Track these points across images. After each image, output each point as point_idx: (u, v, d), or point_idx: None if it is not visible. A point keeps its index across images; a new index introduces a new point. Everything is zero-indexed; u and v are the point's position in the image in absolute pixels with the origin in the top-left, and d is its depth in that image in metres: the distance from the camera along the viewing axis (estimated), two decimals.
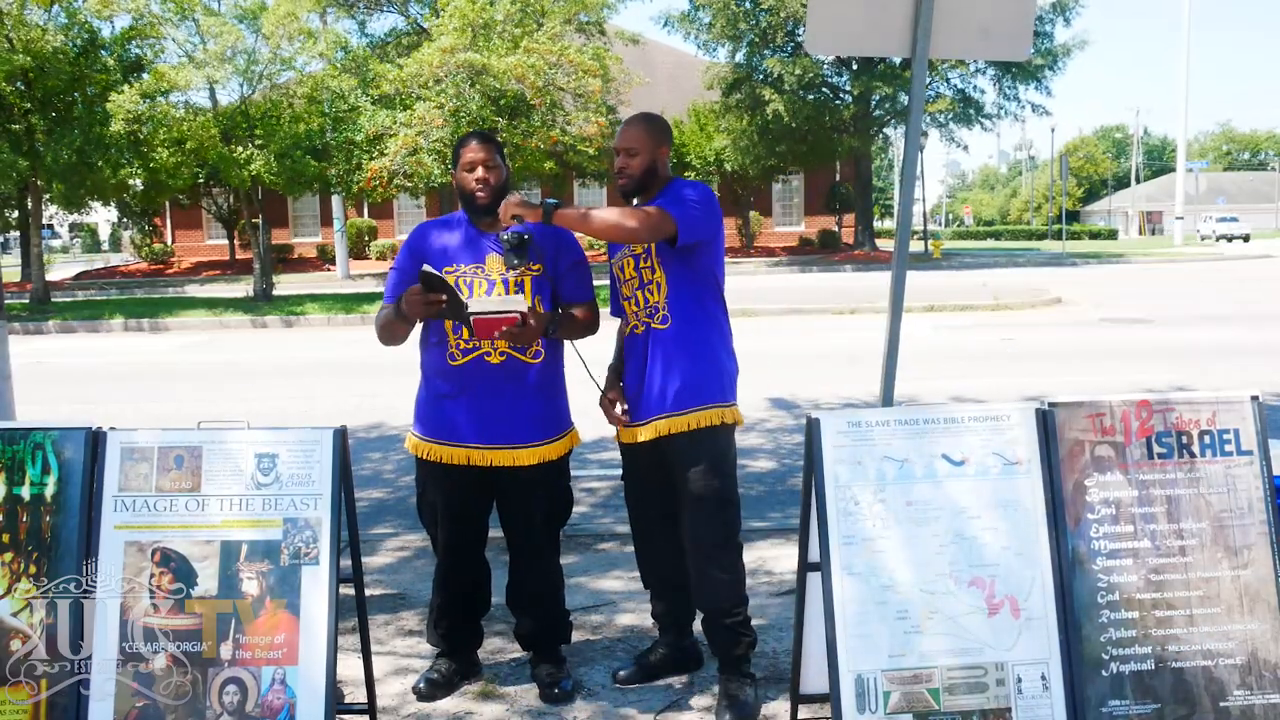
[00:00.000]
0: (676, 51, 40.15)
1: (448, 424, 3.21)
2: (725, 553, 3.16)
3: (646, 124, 3.21)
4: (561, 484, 3.35)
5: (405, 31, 26.65)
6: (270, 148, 17.94)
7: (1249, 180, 76.41)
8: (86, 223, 46.79)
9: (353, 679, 3.37)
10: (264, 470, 2.80)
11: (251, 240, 20.41)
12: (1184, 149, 43.88)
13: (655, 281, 3.13)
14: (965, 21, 3.56)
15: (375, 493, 6.02)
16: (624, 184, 3.18)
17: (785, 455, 6.70)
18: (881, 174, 69.38)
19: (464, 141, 3.23)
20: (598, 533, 5.09)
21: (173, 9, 18.46)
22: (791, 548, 4.58)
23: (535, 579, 3.39)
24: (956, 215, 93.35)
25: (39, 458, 2.79)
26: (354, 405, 8.61)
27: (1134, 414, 2.81)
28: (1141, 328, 13.48)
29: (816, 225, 37.18)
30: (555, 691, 3.29)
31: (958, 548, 2.74)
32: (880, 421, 2.81)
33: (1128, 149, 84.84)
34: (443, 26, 19.18)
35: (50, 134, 18.41)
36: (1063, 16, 31.68)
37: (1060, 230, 40.09)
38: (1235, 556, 2.76)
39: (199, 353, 13.71)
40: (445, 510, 3.29)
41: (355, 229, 33.51)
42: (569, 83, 19.57)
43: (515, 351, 3.16)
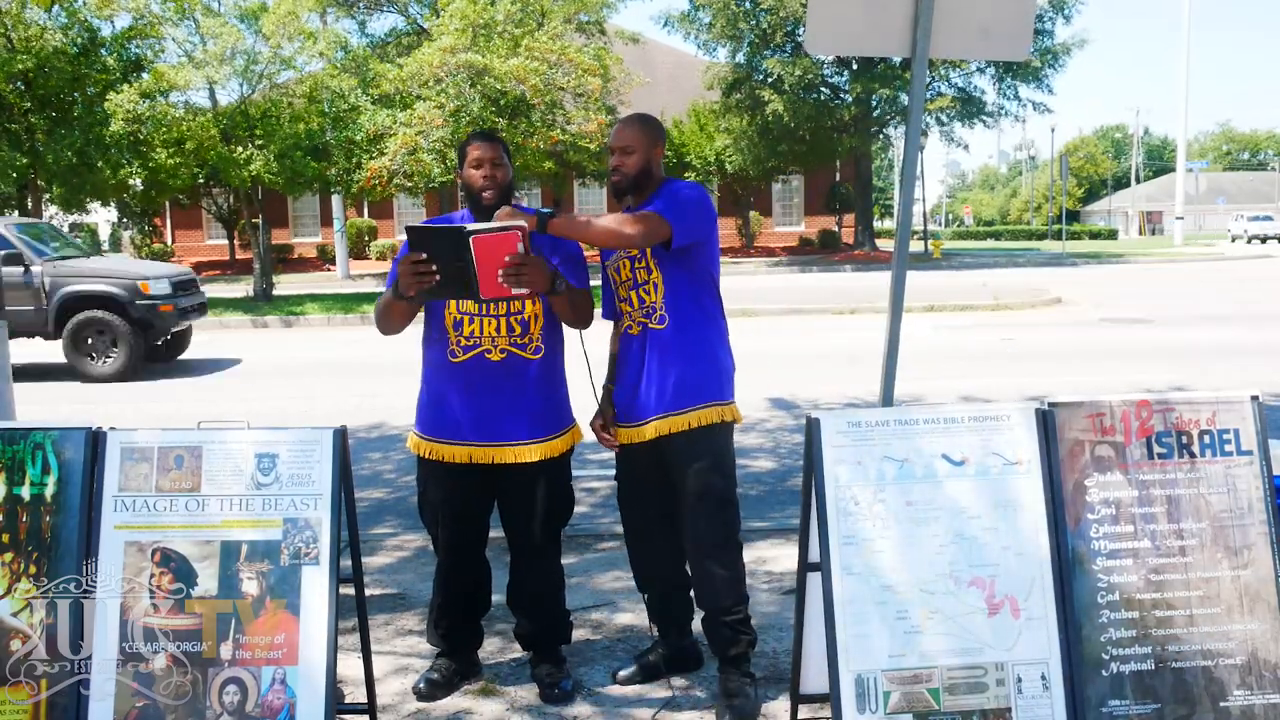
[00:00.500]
0: (676, 51, 40.17)
1: (449, 422, 3.21)
2: (726, 551, 3.16)
3: (642, 124, 3.22)
4: (563, 482, 3.35)
5: (405, 31, 26.66)
6: (270, 148, 17.93)
7: (1249, 180, 76.40)
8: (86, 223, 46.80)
9: (353, 679, 3.38)
10: (264, 470, 2.80)
11: (251, 240, 20.40)
12: (1184, 149, 43.88)
13: (652, 282, 3.14)
14: (965, 21, 3.56)
15: (375, 493, 6.02)
16: (618, 182, 3.18)
17: (785, 455, 6.70)
18: (881, 174, 69.39)
19: (471, 140, 3.25)
20: (598, 533, 5.09)
21: (173, 9, 18.47)
22: (791, 548, 4.58)
23: (536, 578, 3.39)
24: (956, 215, 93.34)
25: (39, 458, 2.79)
26: (354, 405, 8.61)
27: (1134, 414, 2.81)
28: (1141, 328, 13.48)
29: (816, 225, 37.19)
30: (555, 691, 3.30)
31: (958, 548, 2.74)
32: (880, 421, 2.81)
33: (1128, 149, 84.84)
34: (443, 26, 19.19)
35: (50, 134, 18.40)
36: (1062, 14, 31.70)
37: (1060, 230, 40.07)
38: (1235, 556, 2.77)
39: (199, 352, 13.70)
40: (447, 509, 3.29)
41: (355, 229, 33.52)
42: (569, 82, 19.57)
43: (515, 349, 3.16)
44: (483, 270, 2.78)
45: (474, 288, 2.82)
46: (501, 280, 2.80)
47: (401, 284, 2.91)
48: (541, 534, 3.32)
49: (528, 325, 3.17)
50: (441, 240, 2.83)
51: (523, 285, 2.84)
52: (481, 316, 3.14)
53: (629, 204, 3.22)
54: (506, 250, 2.77)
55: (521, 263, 2.79)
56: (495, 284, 2.81)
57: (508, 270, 2.78)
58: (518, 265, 2.79)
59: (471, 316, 3.15)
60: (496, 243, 2.77)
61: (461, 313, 3.15)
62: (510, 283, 2.81)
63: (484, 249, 2.76)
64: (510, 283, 2.81)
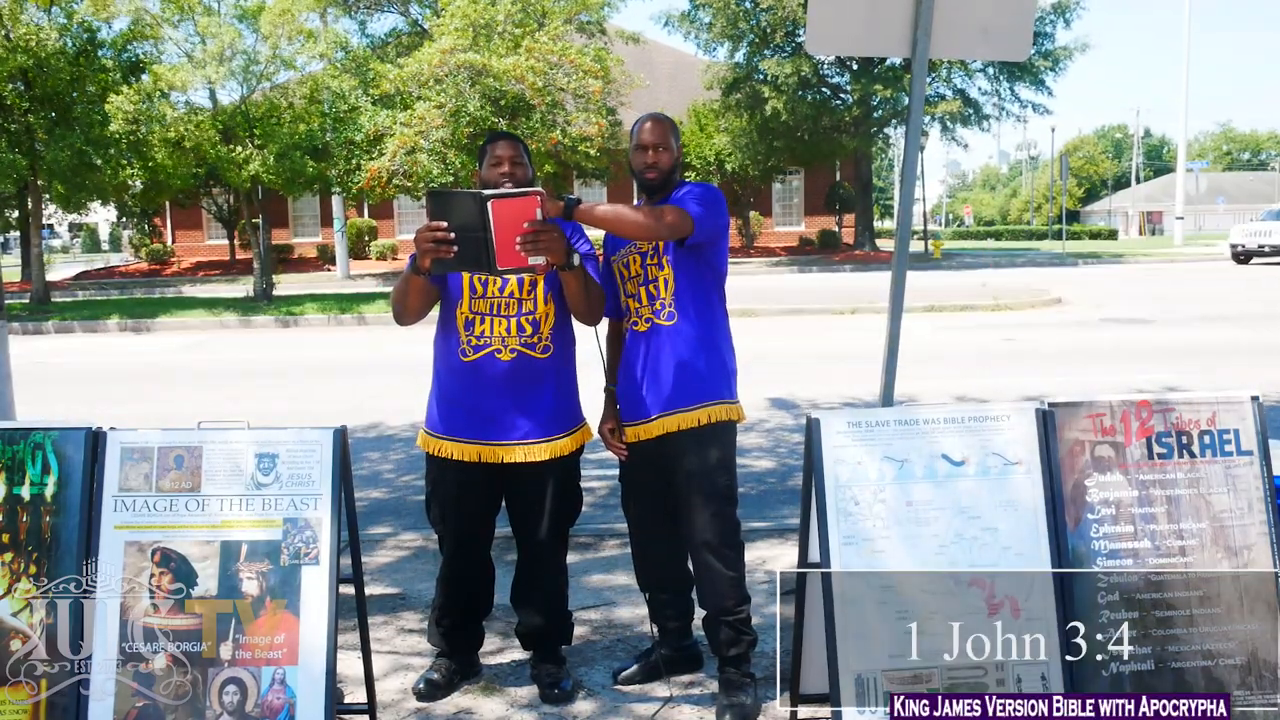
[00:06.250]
0: (676, 51, 40.16)
1: (459, 421, 3.21)
2: (729, 550, 3.17)
3: (670, 123, 3.25)
4: (572, 481, 3.36)
5: (405, 31, 26.66)
6: (270, 148, 17.94)
7: (1249, 180, 76.34)
8: (86, 223, 46.82)
9: (353, 679, 3.37)
10: (264, 470, 2.80)
11: (251, 240, 20.41)
12: (1184, 149, 43.89)
13: (662, 278, 3.15)
14: (965, 21, 3.56)
15: (375, 493, 6.01)
16: (653, 178, 3.17)
17: (785, 455, 6.70)
18: (882, 174, 69.34)
19: (491, 140, 3.27)
20: (598, 533, 5.09)
21: (172, 9, 18.46)
22: (791, 548, 4.58)
23: (542, 577, 3.39)
24: (957, 215, 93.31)
25: (39, 458, 2.79)
26: (354, 405, 8.60)
27: (1134, 414, 2.81)
28: (1142, 328, 13.48)
29: (816, 225, 37.16)
30: (555, 691, 3.30)
31: (958, 548, 2.74)
32: (880, 421, 2.82)
33: (1128, 149, 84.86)
34: (443, 27, 19.18)
35: (50, 134, 18.41)
36: (1063, 18, 31.69)
37: (1060, 230, 40.07)
38: (1235, 556, 2.77)
39: (198, 353, 13.71)
40: (455, 507, 3.30)
41: (355, 229, 33.50)
42: (569, 83, 19.57)
43: (525, 348, 3.16)
44: (500, 238, 2.75)
45: (491, 258, 2.77)
46: (519, 248, 2.75)
47: (419, 254, 2.87)
48: (549, 533, 3.32)
49: (538, 325, 3.17)
50: (461, 205, 2.78)
51: (540, 253, 2.77)
52: (493, 316, 3.15)
53: (644, 202, 3.23)
54: (525, 216, 2.74)
55: (540, 229, 2.75)
56: (512, 253, 2.76)
57: (526, 237, 2.74)
58: (536, 233, 2.75)
59: (483, 316, 3.15)
60: (515, 207, 2.74)
61: (474, 312, 3.16)
62: (528, 250, 2.76)
63: (502, 214, 2.73)
64: (528, 250, 2.76)
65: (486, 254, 2.76)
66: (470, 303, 3.16)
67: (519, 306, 3.15)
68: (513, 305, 3.14)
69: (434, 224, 2.77)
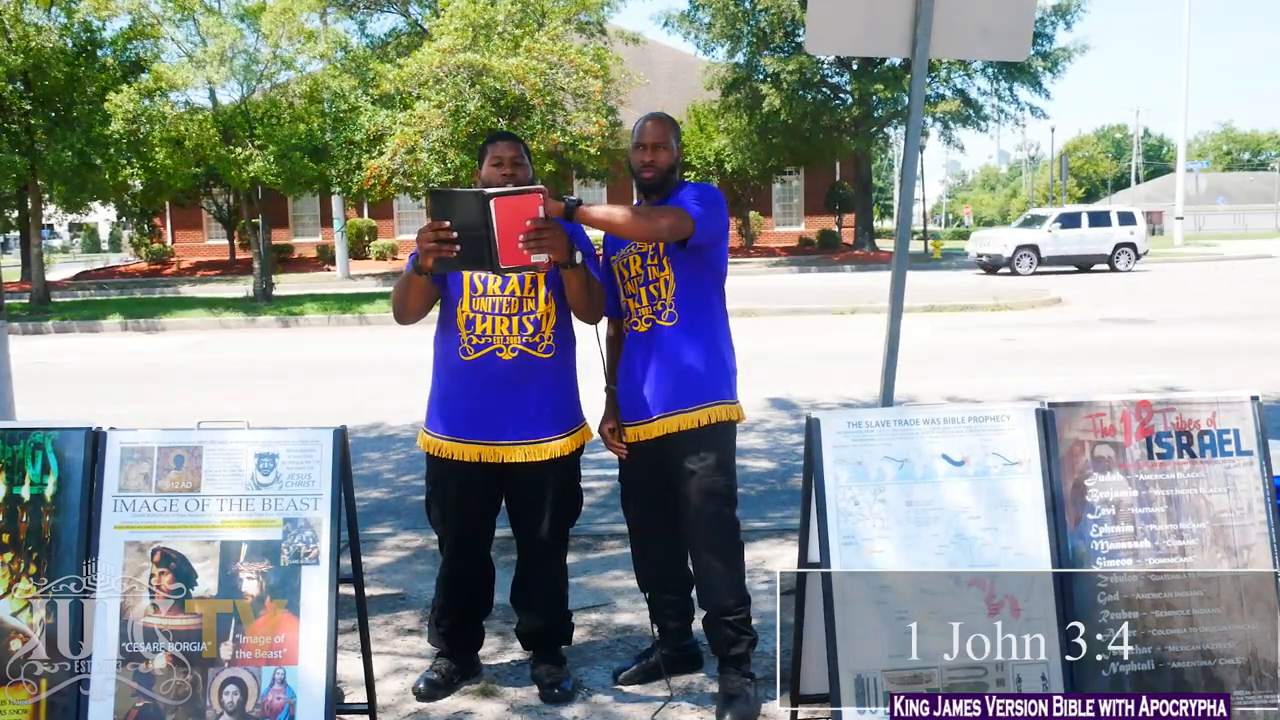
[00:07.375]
0: (676, 51, 40.15)
1: (459, 421, 3.21)
2: (729, 550, 3.17)
3: (671, 122, 3.24)
4: (572, 481, 3.36)
5: (405, 31, 26.64)
6: (270, 148, 17.94)
7: (1249, 180, 76.28)
8: (86, 223, 46.83)
9: (353, 679, 3.37)
10: (264, 470, 2.80)
11: (251, 240, 20.41)
12: (1184, 149, 43.87)
13: (663, 278, 3.14)
14: (965, 21, 3.56)
15: (375, 493, 6.01)
16: (651, 177, 3.16)
17: (785, 455, 6.70)
18: (881, 174, 69.29)
19: (491, 140, 3.27)
20: (598, 533, 5.09)
21: (173, 9, 18.46)
22: (791, 548, 4.58)
23: (542, 577, 3.39)
24: (957, 215, 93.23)
25: (39, 458, 2.79)
26: (354, 405, 8.60)
27: (1134, 414, 2.81)
28: (1142, 328, 13.48)
29: (816, 225, 37.15)
30: (555, 691, 3.30)
31: (958, 548, 2.74)
32: (880, 421, 2.81)
33: (1127, 149, 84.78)
34: (443, 27, 19.17)
35: (50, 134, 18.41)
36: (1063, 20, 31.69)
37: None
38: (1235, 556, 2.76)
39: (198, 353, 13.71)
40: (455, 508, 3.30)
41: (355, 229, 33.50)
42: (569, 83, 19.57)
43: (527, 348, 3.16)
44: (503, 236, 2.74)
45: (494, 257, 2.77)
46: (522, 246, 2.75)
47: (421, 254, 2.86)
48: (549, 533, 3.32)
49: (539, 325, 3.17)
50: (463, 204, 2.77)
51: (543, 251, 2.78)
52: (494, 315, 3.15)
53: (643, 202, 3.23)
54: (528, 214, 2.74)
55: (542, 227, 2.75)
56: (515, 251, 2.76)
57: (528, 235, 2.74)
58: (538, 230, 2.75)
59: (484, 315, 3.15)
60: (518, 205, 2.74)
61: (475, 311, 3.16)
62: (531, 248, 2.76)
63: (505, 212, 2.72)
64: (531, 248, 2.76)
65: (489, 252, 2.75)
66: (471, 302, 3.15)
67: (520, 306, 3.15)
68: (514, 304, 3.14)
69: (436, 223, 2.77)
